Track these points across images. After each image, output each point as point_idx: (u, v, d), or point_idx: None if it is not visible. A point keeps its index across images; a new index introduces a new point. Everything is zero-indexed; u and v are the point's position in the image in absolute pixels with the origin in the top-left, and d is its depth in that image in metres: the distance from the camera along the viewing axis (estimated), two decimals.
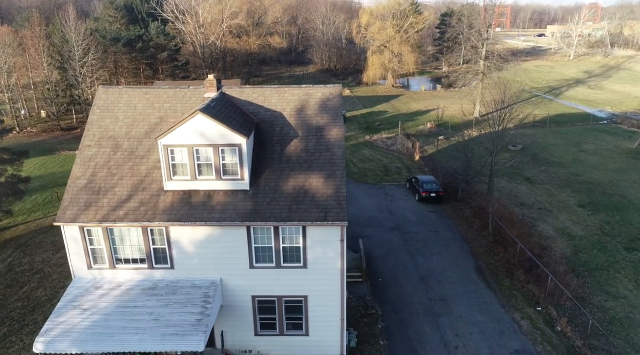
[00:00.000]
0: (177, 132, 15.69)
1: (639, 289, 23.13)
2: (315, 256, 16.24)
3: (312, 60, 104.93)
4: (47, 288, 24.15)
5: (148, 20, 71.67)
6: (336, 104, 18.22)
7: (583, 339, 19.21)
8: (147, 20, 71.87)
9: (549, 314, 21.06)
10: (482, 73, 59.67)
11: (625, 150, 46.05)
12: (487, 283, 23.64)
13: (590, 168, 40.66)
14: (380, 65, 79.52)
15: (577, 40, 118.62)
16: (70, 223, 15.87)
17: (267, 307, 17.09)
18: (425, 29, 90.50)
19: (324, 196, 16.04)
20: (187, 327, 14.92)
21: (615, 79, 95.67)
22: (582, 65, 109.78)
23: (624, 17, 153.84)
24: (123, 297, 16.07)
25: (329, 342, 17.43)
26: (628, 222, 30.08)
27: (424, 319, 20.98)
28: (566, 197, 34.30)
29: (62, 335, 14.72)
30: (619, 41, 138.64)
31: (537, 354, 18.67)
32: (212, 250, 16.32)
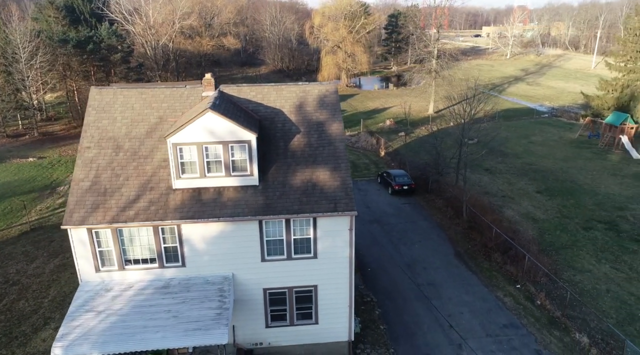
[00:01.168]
0: (186, 130, 15.85)
1: (600, 263, 25.59)
2: (325, 246, 16.92)
3: (265, 61, 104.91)
4: (29, 299, 23.20)
5: (92, 21, 69.02)
6: (334, 100, 18.98)
7: (561, 310, 21.13)
8: (91, 20, 69.19)
9: (528, 290, 22.92)
10: (435, 71, 62.46)
11: (568, 141, 50.00)
12: (468, 266, 25.25)
13: (541, 158, 43.88)
14: (335, 65, 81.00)
15: (512, 40, 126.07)
16: (78, 226, 15.60)
17: (278, 298, 17.55)
18: (375, 29, 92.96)
19: (332, 188, 16.76)
20: (208, 321, 15.15)
21: (549, 76, 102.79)
22: (518, 63, 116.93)
23: (551, 19, 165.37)
24: (137, 297, 16.00)
25: (338, 329, 18.15)
26: (582, 205, 32.95)
27: (417, 303, 22.19)
28: (524, 185, 36.96)
29: (81, 339, 14.50)
30: (548, 41, 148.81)
31: (524, 327, 20.34)
32: (224, 245, 16.58)
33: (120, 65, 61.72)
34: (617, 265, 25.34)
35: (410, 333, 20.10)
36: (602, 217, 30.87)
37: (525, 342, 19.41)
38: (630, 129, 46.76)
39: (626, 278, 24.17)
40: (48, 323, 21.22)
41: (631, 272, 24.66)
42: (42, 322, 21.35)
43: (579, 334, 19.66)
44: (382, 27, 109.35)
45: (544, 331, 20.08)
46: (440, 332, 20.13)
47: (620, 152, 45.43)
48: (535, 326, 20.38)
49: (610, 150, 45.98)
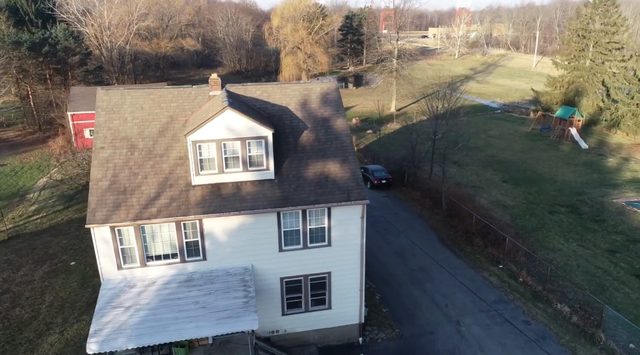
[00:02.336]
0: (206, 128, 16.44)
1: (568, 242, 28.20)
2: (339, 234, 18.00)
3: (222, 62, 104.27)
4: (25, 306, 22.74)
5: (38, 22, 66.20)
6: (336, 97, 20.09)
7: (542, 284, 23.30)
8: (37, 21, 66.35)
9: (510, 269, 25.01)
10: (396, 70, 64.89)
11: (523, 134, 53.64)
12: (452, 251, 27.09)
13: (501, 150, 46.96)
14: (295, 66, 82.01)
15: (459, 41, 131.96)
16: (102, 224, 15.83)
17: (294, 286, 18.44)
18: (332, 30, 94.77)
19: (343, 179, 17.87)
20: (237, 310, 15.83)
21: (496, 74, 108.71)
22: (466, 63, 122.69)
23: (492, 20, 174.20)
24: (162, 291, 16.41)
25: (350, 313, 19.28)
26: (544, 192, 35.85)
27: (412, 286, 23.70)
28: (491, 175, 39.60)
29: (115, 334, 14.81)
30: (491, 41, 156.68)
31: (511, 302, 22.30)
32: (244, 238, 17.29)
33: (79, 67, 59.85)
34: (582, 243, 28.04)
35: (411, 314, 21.55)
36: (564, 202, 33.80)
37: (515, 314, 21.34)
38: (578, 122, 50.89)
39: (592, 254, 26.83)
40: (51, 328, 20.98)
41: (595, 249, 27.39)
42: (45, 327, 21.07)
43: (560, 305, 21.83)
44: (336, 28, 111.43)
45: (529, 304, 22.12)
46: (438, 311, 21.71)
47: (569, 142, 49.36)
48: (521, 300, 22.39)
49: (561, 141, 49.85)
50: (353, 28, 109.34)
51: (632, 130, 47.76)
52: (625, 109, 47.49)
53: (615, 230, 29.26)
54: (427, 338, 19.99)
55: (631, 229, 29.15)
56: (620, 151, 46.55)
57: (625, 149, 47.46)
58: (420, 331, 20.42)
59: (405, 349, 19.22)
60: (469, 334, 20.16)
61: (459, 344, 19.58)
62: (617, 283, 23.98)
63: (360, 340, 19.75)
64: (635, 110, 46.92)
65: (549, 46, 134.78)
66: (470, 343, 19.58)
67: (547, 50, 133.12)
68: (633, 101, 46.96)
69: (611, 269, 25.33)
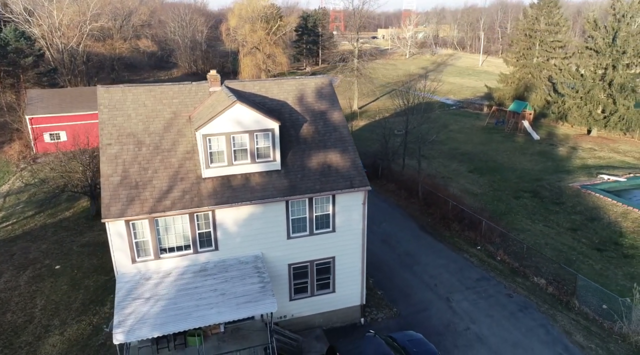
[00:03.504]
0: (216, 121, 17.01)
1: (535, 223, 30.66)
2: (342, 220, 19.05)
3: (177, 63, 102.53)
4: (16, 311, 22.28)
5: None
6: (330, 91, 21.12)
7: (518, 261, 25.39)
8: None
9: (488, 250, 26.99)
10: (357, 69, 66.72)
11: (480, 128, 56.82)
12: (433, 236, 28.80)
13: (462, 143, 49.64)
14: (255, 66, 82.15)
15: (410, 41, 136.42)
16: (118, 218, 16.06)
17: (301, 272, 19.28)
18: (290, 31, 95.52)
19: (345, 168, 18.94)
20: (255, 294, 16.53)
21: (446, 73, 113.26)
22: (418, 62, 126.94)
23: (439, 21, 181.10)
24: (178, 282, 16.83)
25: (352, 295, 20.36)
26: (507, 179, 38.50)
27: (401, 270, 25.11)
28: (457, 166, 41.95)
29: (139, 323, 15.13)
30: (439, 42, 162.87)
31: (492, 278, 24.17)
32: (254, 227, 17.98)
33: (31, 69, 57.47)
34: (547, 223, 30.58)
35: (405, 294, 22.93)
36: (526, 188, 36.51)
37: (498, 289, 23.19)
38: (529, 115, 54.58)
39: (557, 233, 29.37)
40: (50, 330, 20.73)
41: (559, 228, 29.97)
42: (42, 330, 20.79)
43: (536, 278, 23.94)
44: (292, 29, 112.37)
45: (509, 279, 24.08)
46: (429, 291, 23.23)
47: (523, 134, 52.89)
48: (501, 276, 24.33)
49: (515, 133, 53.29)
50: (308, 29, 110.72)
51: (578, 121, 51.86)
52: (571, 102, 51.51)
53: (574, 211, 32.08)
54: (422, 315, 21.42)
55: (587, 209, 32.04)
56: (568, 141, 50.44)
57: (572, 138, 51.46)
58: (415, 309, 21.82)
59: (404, 325, 20.52)
60: (459, 308, 21.78)
61: (452, 318, 21.14)
62: (581, 256, 26.49)
63: (362, 320, 20.89)
64: (580, 103, 51.00)
65: (492, 46, 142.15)
66: (462, 316, 21.18)
67: (491, 50, 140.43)
68: (578, 95, 51.03)
69: (575, 244, 27.91)
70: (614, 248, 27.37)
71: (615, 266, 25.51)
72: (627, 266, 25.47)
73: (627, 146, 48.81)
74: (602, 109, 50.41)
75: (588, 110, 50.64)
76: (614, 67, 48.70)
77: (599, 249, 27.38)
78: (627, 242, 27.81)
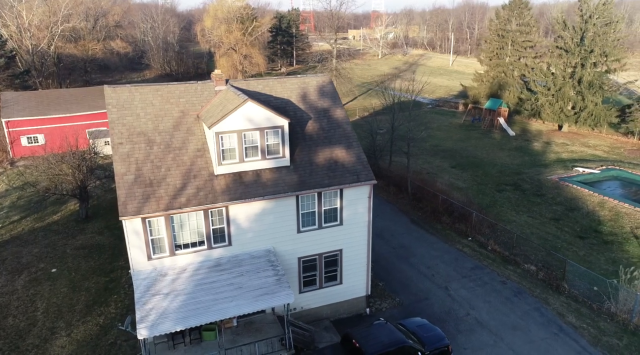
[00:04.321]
0: (228, 119, 17.38)
1: (519, 214, 32.11)
2: (349, 213, 19.71)
3: (150, 65, 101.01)
4: (17, 315, 21.98)
5: None
6: (331, 89, 21.76)
7: (508, 250, 26.64)
8: None
9: (478, 240, 28.17)
10: (336, 69, 67.58)
11: (457, 125, 58.55)
12: (425, 229, 29.81)
13: (443, 140, 51.11)
14: (231, 67, 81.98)
15: (382, 42, 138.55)
16: (134, 216, 16.24)
17: (310, 265, 19.83)
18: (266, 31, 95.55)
19: (350, 163, 19.61)
20: (272, 286, 17.00)
21: (419, 72, 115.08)
22: (390, 63, 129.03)
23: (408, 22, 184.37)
24: (195, 277, 17.11)
25: (358, 286, 21.04)
26: (489, 174, 40.01)
27: (398, 262, 25.97)
28: (440, 162, 43.26)
29: (161, 318, 15.39)
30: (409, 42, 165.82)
31: (486, 267, 25.32)
32: (266, 221, 18.43)
33: (3, 71, 55.82)
34: (531, 214, 32.08)
35: (404, 285, 23.78)
36: (507, 181, 38.06)
37: (492, 277, 24.33)
38: (505, 112, 56.63)
39: (541, 223, 30.87)
40: (57, 332, 20.59)
41: (542, 218, 31.50)
42: (48, 332, 20.63)
43: (527, 265, 25.21)
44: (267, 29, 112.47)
45: (502, 268, 25.27)
46: (427, 280, 24.16)
47: (499, 131, 54.85)
48: (493, 265, 25.49)
49: (491, 130, 55.21)
50: (282, 29, 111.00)
51: (550, 118, 54.15)
52: (544, 99, 53.77)
53: (554, 202, 33.73)
54: (424, 303, 22.31)
55: (567, 200, 33.74)
56: (541, 136, 52.64)
57: (545, 134, 53.72)
58: (416, 298, 22.69)
59: (408, 314, 21.33)
60: (458, 296, 22.77)
61: (452, 305, 22.11)
62: (566, 244, 27.99)
63: (367, 310, 21.60)
64: (552, 100, 53.30)
65: (461, 46, 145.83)
66: (461, 304, 22.17)
67: (460, 50, 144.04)
68: (549, 92, 53.32)
69: (559, 233, 29.43)
70: (594, 235, 29.02)
71: (597, 252, 27.09)
72: (608, 252, 27.09)
73: (596, 140, 51.32)
74: (573, 106, 52.84)
75: (559, 107, 52.99)
76: (583, 66, 51.15)
77: (581, 236, 28.98)
78: (606, 230, 29.52)
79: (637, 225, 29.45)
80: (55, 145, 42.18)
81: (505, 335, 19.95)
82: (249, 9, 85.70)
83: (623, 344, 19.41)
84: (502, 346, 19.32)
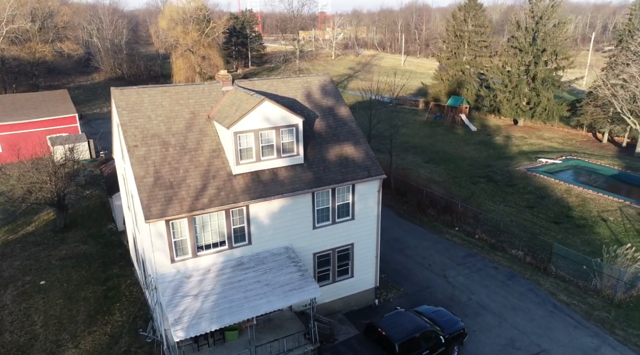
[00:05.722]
0: (246, 119, 17.51)
1: (496, 204, 33.99)
2: (360, 208, 20.31)
3: (99, 68, 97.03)
4: (14, 331, 20.94)
5: None
6: (333, 88, 22.28)
7: (495, 238, 28.22)
8: None
9: (465, 230, 29.62)
10: (299, 70, 68.02)
11: (421, 122, 60.67)
12: (413, 222, 30.95)
13: (410, 137, 52.80)
14: (189, 68, 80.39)
15: (335, 43, 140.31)
16: (159, 218, 16.04)
17: (324, 260, 20.25)
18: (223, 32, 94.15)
19: (360, 159, 20.22)
20: (298, 282, 17.31)
21: (373, 72, 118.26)
22: (344, 63, 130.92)
23: (358, 23, 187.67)
24: (221, 277, 17.11)
25: (368, 278, 21.69)
26: (461, 167, 41.93)
27: (394, 254, 26.87)
28: (413, 158, 44.79)
29: (195, 319, 15.34)
30: (359, 43, 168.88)
31: (477, 254, 26.73)
32: (284, 219, 18.67)
33: None
34: (507, 203, 34.05)
35: (405, 276, 24.70)
36: (479, 174, 40.08)
37: (484, 263, 25.75)
38: (466, 108, 59.31)
39: (517, 211, 32.85)
40: (62, 344, 19.83)
41: (518, 207, 33.53)
42: (53, 345, 19.84)
43: (514, 251, 26.86)
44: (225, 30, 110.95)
45: (491, 254, 26.78)
46: (426, 270, 25.21)
47: (461, 127, 57.39)
48: (483, 252, 26.96)
49: (454, 126, 57.67)
50: (237, 31, 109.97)
51: (509, 113, 57.32)
52: (501, 96, 56.83)
53: (526, 191, 35.95)
54: (426, 291, 23.30)
55: (537, 188, 36.06)
56: (501, 131, 55.62)
57: (503, 128, 56.80)
58: (419, 287, 23.65)
59: (414, 302, 22.21)
60: (457, 283, 23.96)
61: (454, 291, 23.25)
62: (543, 229, 30.00)
63: (376, 302, 22.30)
64: (509, 97, 56.46)
65: (411, 46, 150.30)
66: (461, 289, 23.36)
67: (410, 50, 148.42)
68: (506, 89, 56.44)
69: (535, 219, 31.47)
70: (567, 220, 31.27)
71: (572, 235, 29.25)
72: (582, 234, 29.32)
73: (549, 133, 54.90)
74: (528, 101, 56.20)
75: (516, 103, 56.20)
76: (536, 64, 54.55)
77: (556, 222, 31.14)
78: (577, 214, 31.89)
79: (602, 209, 32.02)
80: (13, 153, 40.02)
81: (508, 315, 21.28)
82: (205, 10, 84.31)
83: (612, 317, 21.24)
84: (507, 326, 20.61)
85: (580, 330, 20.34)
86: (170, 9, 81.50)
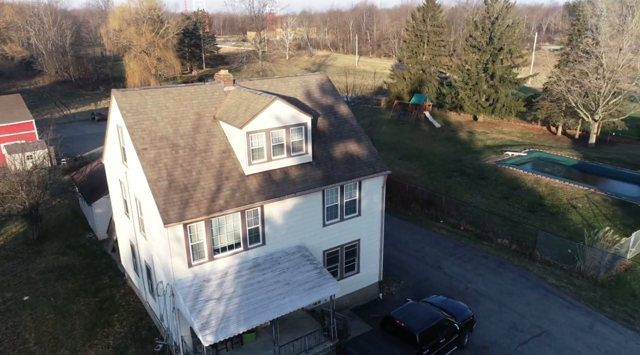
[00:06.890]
0: (257, 119, 17.36)
1: (473, 196, 35.38)
2: (366, 204, 20.61)
3: (43, 71, 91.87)
4: (7, 349, 19.71)
5: None
6: (331, 87, 22.46)
7: (480, 228, 29.40)
8: None
9: (450, 222, 30.65)
10: (262, 71, 67.58)
11: (387, 120, 61.93)
12: (398, 217, 31.65)
13: (381, 135, 53.77)
14: (144, 70, 77.89)
15: (288, 43, 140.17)
16: (178, 222, 15.60)
17: (333, 257, 20.37)
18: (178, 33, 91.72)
19: (364, 155, 20.53)
20: (316, 280, 17.37)
21: (329, 72, 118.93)
22: (298, 63, 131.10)
23: (309, 24, 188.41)
24: (240, 279, 16.85)
25: (372, 273, 22.02)
26: (433, 163, 43.26)
27: (389, 249, 27.14)
28: (386, 155, 45.63)
29: (223, 322, 15.08)
30: (312, 43, 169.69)
31: (466, 245, 27.74)
32: (296, 218, 18.64)
33: None
34: (483, 195, 35.52)
35: (402, 269, 25.27)
36: (452, 168, 41.52)
37: (474, 253, 26.79)
38: (429, 106, 61.13)
39: (494, 202, 34.36)
40: None
41: (493, 198, 35.07)
42: None
43: (499, 240, 28.10)
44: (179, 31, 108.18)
45: (479, 244, 27.89)
46: (420, 262, 25.90)
47: (425, 124, 59.14)
48: (471, 243, 28.02)
49: (419, 124, 59.33)
50: (190, 31, 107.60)
51: (470, 110, 59.71)
52: (463, 93, 59.09)
53: (498, 183, 37.64)
54: (425, 283, 23.96)
55: (508, 180, 37.84)
56: (463, 127, 57.82)
57: (465, 124, 59.09)
58: (417, 280, 24.28)
59: (416, 294, 22.80)
60: (452, 273, 24.80)
61: (451, 281, 24.05)
62: (521, 218, 31.56)
63: (380, 295, 22.69)
64: (469, 94, 58.80)
65: (363, 46, 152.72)
66: (458, 279, 24.20)
67: (362, 50, 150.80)
68: (467, 86, 58.76)
69: (512, 209, 33.05)
70: (541, 209, 33.06)
71: (548, 222, 30.96)
72: (557, 221, 31.11)
73: (508, 128, 57.68)
74: (487, 98, 58.74)
75: (476, 100, 58.59)
76: (493, 62, 57.14)
77: (531, 211, 32.86)
78: (548, 203, 33.78)
79: (571, 197, 34.09)
80: None
81: (506, 300, 22.29)
82: (159, 10, 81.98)
83: (598, 295, 22.75)
84: (507, 310, 21.59)
85: (573, 310, 21.65)
86: (121, 9, 78.70)
